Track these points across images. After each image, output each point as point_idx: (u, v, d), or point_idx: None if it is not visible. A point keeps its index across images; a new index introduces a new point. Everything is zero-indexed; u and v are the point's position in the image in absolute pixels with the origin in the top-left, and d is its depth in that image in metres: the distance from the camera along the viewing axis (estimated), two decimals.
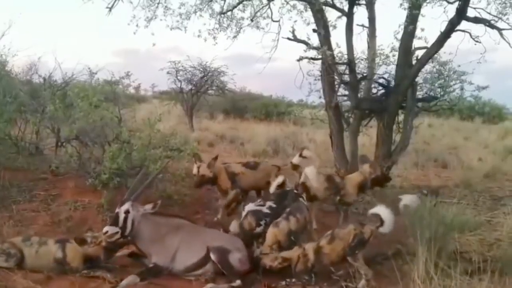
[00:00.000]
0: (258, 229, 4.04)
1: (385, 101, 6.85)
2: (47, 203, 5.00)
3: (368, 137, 9.04)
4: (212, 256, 3.60)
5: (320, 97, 7.43)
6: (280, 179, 4.53)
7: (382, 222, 3.58)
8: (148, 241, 3.66)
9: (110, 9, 6.87)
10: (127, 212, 3.58)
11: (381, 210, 3.65)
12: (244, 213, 4.20)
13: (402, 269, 3.53)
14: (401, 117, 7.27)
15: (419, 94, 7.37)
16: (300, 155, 5.22)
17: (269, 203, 4.22)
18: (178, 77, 15.01)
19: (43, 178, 5.65)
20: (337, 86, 6.78)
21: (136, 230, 3.62)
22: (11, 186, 5.22)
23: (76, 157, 5.62)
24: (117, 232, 3.52)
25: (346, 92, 7.12)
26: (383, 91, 7.26)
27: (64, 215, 4.68)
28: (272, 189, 4.54)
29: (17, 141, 6.28)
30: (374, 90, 7.48)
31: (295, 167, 5.22)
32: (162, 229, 3.74)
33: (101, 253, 3.61)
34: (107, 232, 3.48)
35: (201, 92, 15.43)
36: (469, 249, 3.97)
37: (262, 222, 4.04)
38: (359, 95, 6.82)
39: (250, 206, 4.23)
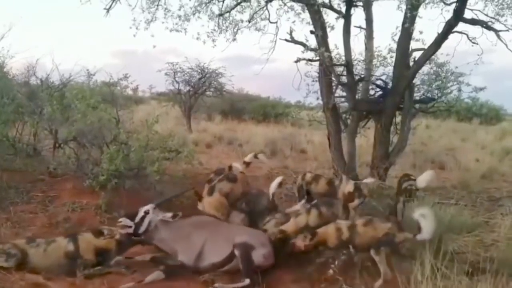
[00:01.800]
0: None
1: (382, 103, 6.87)
2: (45, 204, 4.97)
3: (365, 139, 9.04)
4: (236, 252, 3.56)
5: (317, 99, 7.44)
6: (279, 179, 4.59)
7: (420, 229, 3.38)
8: (170, 242, 3.67)
9: (108, 10, 6.86)
10: (146, 212, 3.64)
11: (424, 214, 3.37)
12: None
13: (400, 269, 3.53)
14: (398, 119, 7.29)
15: (417, 95, 7.41)
16: (244, 162, 5.18)
17: None
18: (176, 79, 15.04)
19: (41, 179, 5.62)
20: (334, 87, 6.79)
21: (153, 233, 3.66)
22: (9, 188, 5.19)
23: (74, 159, 5.61)
24: (130, 226, 3.58)
25: (344, 94, 7.13)
26: (380, 92, 7.29)
27: (62, 217, 4.66)
28: (272, 189, 4.51)
29: (15, 142, 6.26)
30: (371, 92, 7.52)
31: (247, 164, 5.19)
32: (185, 229, 3.74)
33: (113, 246, 3.61)
34: (121, 222, 3.58)
35: (199, 93, 15.42)
36: (467, 250, 3.97)
37: None
38: (356, 96, 6.83)
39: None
